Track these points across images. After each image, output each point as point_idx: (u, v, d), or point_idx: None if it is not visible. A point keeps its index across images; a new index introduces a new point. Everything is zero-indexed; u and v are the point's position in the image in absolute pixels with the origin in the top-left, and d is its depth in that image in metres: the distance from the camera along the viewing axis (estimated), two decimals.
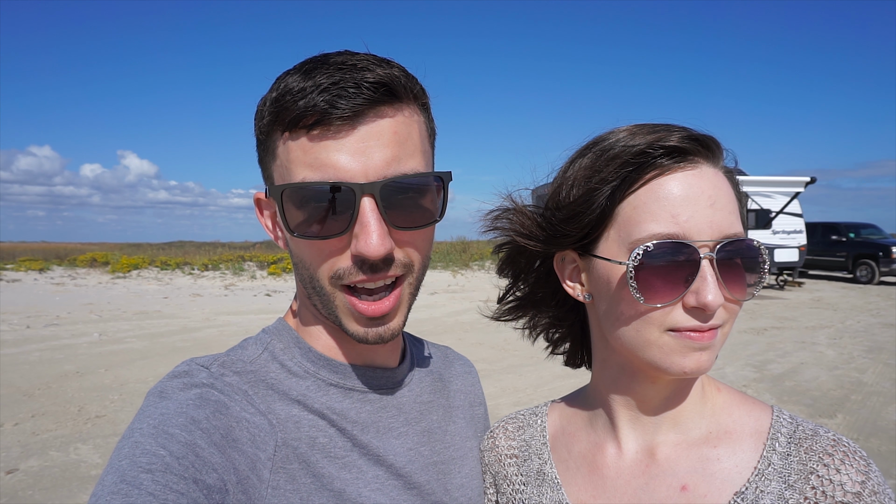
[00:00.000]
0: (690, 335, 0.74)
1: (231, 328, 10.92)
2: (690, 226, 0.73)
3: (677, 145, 0.75)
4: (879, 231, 20.80)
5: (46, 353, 8.66)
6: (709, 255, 0.73)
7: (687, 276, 0.73)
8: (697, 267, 0.73)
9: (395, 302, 0.79)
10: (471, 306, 13.96)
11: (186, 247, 28.18)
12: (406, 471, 0.84)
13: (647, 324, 0.76)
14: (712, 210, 0.74)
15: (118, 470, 0.61)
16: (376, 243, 0.72)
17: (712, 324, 0.74)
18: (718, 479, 0.78)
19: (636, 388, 0.85)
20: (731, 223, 0.75)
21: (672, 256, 0.74)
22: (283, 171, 0.75)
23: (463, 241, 26.50)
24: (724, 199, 0.75)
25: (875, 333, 10.43)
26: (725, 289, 0.74)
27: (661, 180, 0.75)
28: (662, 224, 0.74)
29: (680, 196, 0.74)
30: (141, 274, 19.65)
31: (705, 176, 0.75)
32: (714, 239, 0.73)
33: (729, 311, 0.77)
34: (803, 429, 0.79)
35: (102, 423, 5.68)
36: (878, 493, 0.72)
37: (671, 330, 0.75)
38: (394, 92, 0.74)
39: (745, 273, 0.77)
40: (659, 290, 0.74)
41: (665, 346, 0.75)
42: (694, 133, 0.77)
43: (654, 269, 0.74)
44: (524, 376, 7.51)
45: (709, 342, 0.74)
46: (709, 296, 0.72)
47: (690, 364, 0.74)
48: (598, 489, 0.86)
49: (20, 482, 4.36)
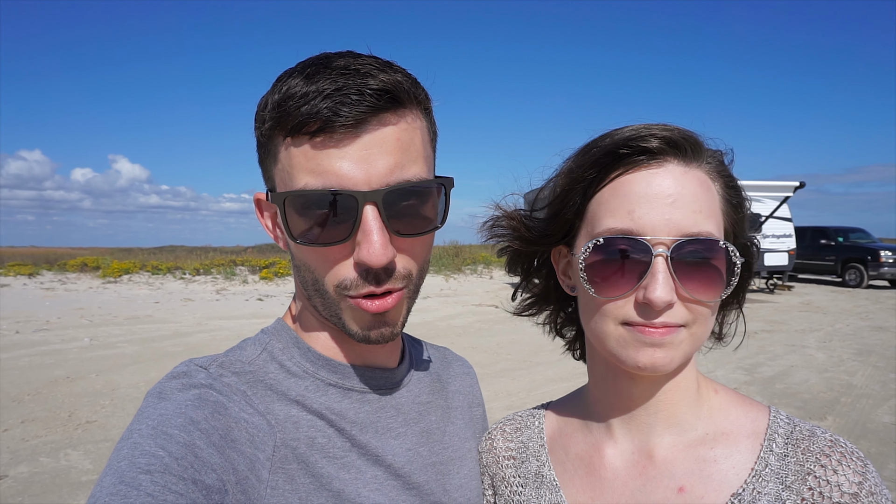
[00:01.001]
0: (642, 330, 0.75)
1: (223, 333, 10.86)
2: (645, 222, 0.74)
3: (643, 145, 0.76)
4: (868, 235, 20.99)
5: (36, 359, 8.57)
6: (662, 252, 0.74)
7: (641, 271, 0.75)
8: (650, 263, 0.74)
9: (397, 300, 0.80)
10: (464, 310, 13.96)
11: (178, 251, 27.95)
12: (405, 471, 0.84)
13: (604, 316, 0.79)
14: (671, 208, 0.74)
15: (117, 471, 0.61)
16: (379, 252, 0.72)
17: (665, 321, 0.74)
18: (715, 480, 0.79)
19: (621, 385, 0.85)
20: (695, 222, 0.74)
21: (626, 252, 0.76)
22: (285, 175, 0.75)
23: (455, 246, 26.51)
24: (689, 198, 0.75)
25: (864, 336, 10.51)
26: (683, 288, 0.74)
27: (624, 178, 0.77)
28: (618, 220, 0.76)
29: (638, 193, 0.76)
30: (132, 278, 19.49)
31: (670, 175, 0.76)
32: (671, 237, 0.73)
33: (693, 311, 0.76)
34: (800, 429, 0.79)
35: (93, 429, 5.63)
36: (875, 493, 0.72)
37: (626, 324, 0.77)
38: (397, 98, 0.74)
39: (712, 274, 0.76)
40: (611, 284, 0.77)
41: (620, 339, 0.77)
42: (665, 132, 0.77)
43: (607, 263, 0.77)
44: (517, 380, 7.51)
45: (660, 338, 0.75)
46: (655, 292, 0.73)
47: (644, 359, 0.75)
48: (595, 491, 0.87)
49: (9, 489, 4.31)
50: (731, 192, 0.81)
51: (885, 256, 18.81)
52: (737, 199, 0.81)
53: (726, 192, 0.80)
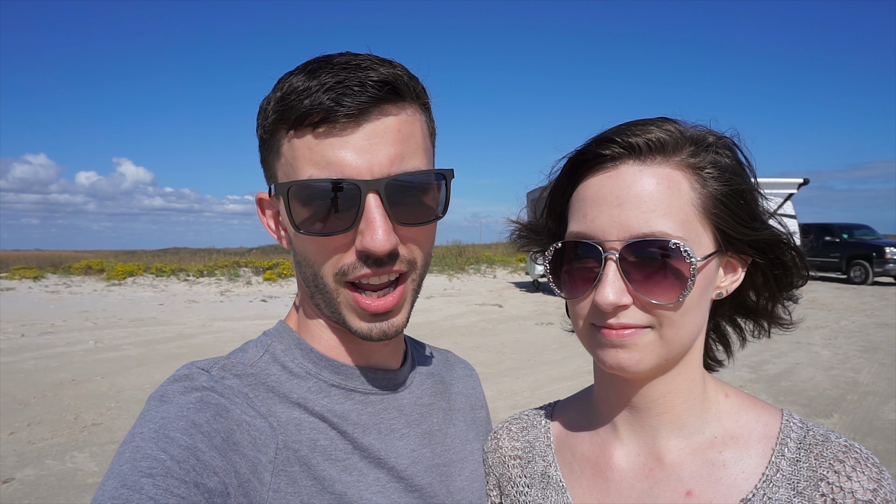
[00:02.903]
0: (603, 331, 0.76)
1: (227, 334, 10.89)
2: (596, 225, 0.75)
3: (597, 150, 0.77)
4: (872, 232, 20.90)
5: (42, 362, 8.60)
6: (612, 255, 0.73)
7: (595, 274, 0.75)
8: (602, 266, 0.74)
9: (399, 298, 0.80)
10: (467, 310, 13.96)
11: (182, 253, 28.05)
12: (407, 473, 0.84)
13: (576, 316, 0.82)
14: (619, 210, 0.74)
15: (119, 475, 0.61)
16: (382, 239, 0.73)
17: (623, 322, 0.74)
18: (724, 484, 0.77)
19: (618, 386, 0.85)
20: (646, 222, 0.72)
21: (581, 254, 0.78)
22: (289, 168, 0.76)
23: (459, 245, 26.53)
24: (640, 198, 0.73)
25: (870, 333, 10.47)
26: (635, 290, 0.73)
27: (584, 184, 0.80)
28: (576, 223, 0.79)
29: (591, 197, 0.77)
30: (136, 281, 19.56)
31: (621, 176, 0.75)
32: (621, 239, 0.73)
33: (655, 314, 0.74)
34: (814, 434, 0.77)
35: (99, 431, 5.65)
36: (890, 501, 0.70)
37: (593, 324, 0.78)
38: (397, 91, 0.75)
39: (667, 275, 0.73)
40: (573, 285, 0.80)
41: (591, 339, 0.79)
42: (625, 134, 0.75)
43: (567, 265, 0.80)
44: (521, 379, 7.51)
45: (621, 340, 0.74)
46: (602, 294, 0.73)
47: (610, 359, 0.76)
48: (602, 492, 0.86)
49: (16, 491, 4.33)
50: (718, 186, 0.76)
51: (890, 253, 18.73)
52: (728, 191, 0.76)
53: (713, 186, 0.76)
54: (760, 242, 0.80)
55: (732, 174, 0.78)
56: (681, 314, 0.75)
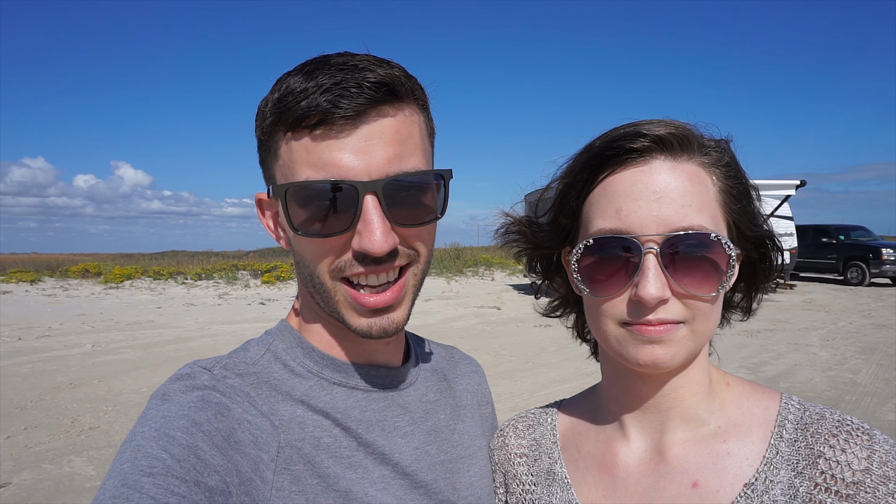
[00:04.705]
0: (640, 328, 0.75)
1: (225, 337, 10.87)
2: (632, 220, 0.74)
3: (628, 144, 0.76)
4: (869, 233, 20.98)
5: (39, 365, 8.58)
6: (652, 248, 0.73)
7: (632, 269, 0.75)
8: (641, 261, 0.74)
9: (399, 293, 0.80)
10: (465, 312, 13.95)
11: (179, 256, 27.97)
12: (412, 470, 0.84)
13: (603, 315, 0.79)
14: (658, 204, 0.74)
15: (120, 474, 0.61)
16: (380, 240, 0.73)
17: (661, 318, 0.74)
18: (730, 473, 0.78)
19: (631, 383, 0.85)
20: (684, 217, 0.73)
21: (616, 250, 0.76)
22: (286, 170, 0.76)
23: (457, 248, 26.52)
24: (677, 192, 0.74)
25: (867, 334, 10.50)
26: (676, 283, 0.74)
27: (611, 178, 0.78)
28: (608, 220, 0.77)
29: (624, 192, 0.76)
30: (134, 284, 19.51)
31: (655, 171, 0.75)
32: (660, 233, 0.73)
33: (691, 307, 0.75)
34: (810, 413, 0.78)
35: (96, 435, 5.63)
36: (887, 462, 0.71)
37: (624, 323, 0.77)
38: (395, 91, 0.75)
39: (706, 268, 0.75)
40: (604, 283, 0.78)
41: (620, 338, 0.78)
42: (651, 129, 0.76)
43: (599, 263, 0.78)
44: (520, 381, 7.50)
45: (658, 336, 0.74)
46: (646, 289, 0.72)
47: (644, 356, 0.75)
48: (608, 489, 0.86)
49: (13, 496, 4.31)
50: (731, 183, 0.79)
51: (886, 254, 18.80)
52: (738, 189, 0.80)
53: (726, 182, 0.79)
54: (761, 238, 0.83)
55: (739, 172, 0.81)
56: (710, 307, 0.77)
